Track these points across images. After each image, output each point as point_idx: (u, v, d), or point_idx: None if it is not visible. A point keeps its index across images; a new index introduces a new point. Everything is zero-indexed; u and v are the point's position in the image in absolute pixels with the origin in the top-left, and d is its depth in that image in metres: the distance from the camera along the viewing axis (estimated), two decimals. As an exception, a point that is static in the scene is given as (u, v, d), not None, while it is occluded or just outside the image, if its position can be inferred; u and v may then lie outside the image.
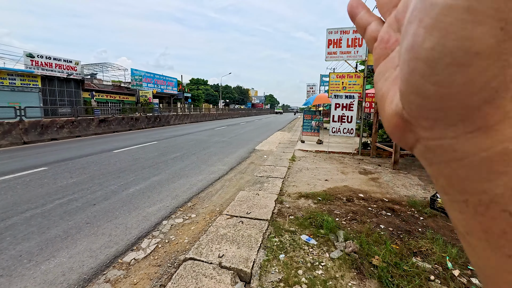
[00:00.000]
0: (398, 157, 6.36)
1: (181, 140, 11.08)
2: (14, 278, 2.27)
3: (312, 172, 5.81)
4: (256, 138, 12.71)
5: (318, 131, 10.51)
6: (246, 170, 6.19)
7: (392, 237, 2.90)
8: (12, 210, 3.63)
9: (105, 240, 2.93)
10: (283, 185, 4.80)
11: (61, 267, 2.43)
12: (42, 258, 2.57)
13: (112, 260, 2.58)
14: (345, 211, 3.62)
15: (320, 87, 36.80)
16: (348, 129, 7.93)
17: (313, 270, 2.29)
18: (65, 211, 3.66)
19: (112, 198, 4.18)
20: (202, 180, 5.29)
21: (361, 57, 7.79)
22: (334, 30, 7.87)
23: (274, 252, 2.54)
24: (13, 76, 17.30)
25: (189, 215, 3.66)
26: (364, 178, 5.41)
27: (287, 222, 3.24)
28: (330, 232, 2.94)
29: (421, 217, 3.51)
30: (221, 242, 2.68)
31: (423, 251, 2.61)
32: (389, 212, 3.64)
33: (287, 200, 4.01)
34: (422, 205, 3.89)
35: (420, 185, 5.05)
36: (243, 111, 53.31)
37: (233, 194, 4.40)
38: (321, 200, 4.03)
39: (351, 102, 7.83)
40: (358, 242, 2.70)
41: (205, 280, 2.09)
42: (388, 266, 2.32)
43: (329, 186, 4.81)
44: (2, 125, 9.24)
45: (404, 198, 4.26)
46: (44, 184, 4.79)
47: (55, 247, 2.76)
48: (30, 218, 3.42)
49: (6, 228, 3.14)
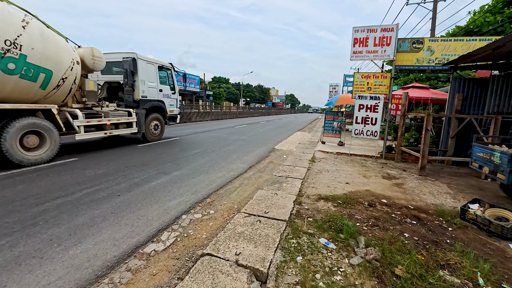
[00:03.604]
0: (426, 162, 6.03)
1: (202, 137, 11.29)
2: (45, 261, 2.43)
3: (333, 174, 5.66)
4: (275, 137, 12.64)
5: (339, 132, 10.24)
6: (265, 169, 6.17)
7: (417, 247, 2.74)
8: (45, 197, 3.89)
9: (128, 230, 3.05)
10: (302, 186, 4.72)
11: (87, 253, 2.56)
12: (70, 243, 2.72)
13: (134, 250, 2.67)
14: (367, 217, 3.48)
15: (343, 87, 35.86)
16: (372, 132, 7.64)
17: (331, 275, 2.22)
18: (92, 200, 3.86)
19: (135, 190, 4.34)
20: (221, 177, 5.35)
21: (389, 57, 7.46)
22: (360, 28, 7.59)
23: (291, 254, 2.50)
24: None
25: (208, 211, 3.71)
26: (388, 183, 5.18)
27: (306, 224, 3.17)
28: (350, 237, 2.83)
29: (449, 228, 3.29)
30: (239, 240, 2.68)
31: (451, 264, 2.44)
32: (414, 220, 3.45)
33: (306, 202, 3.94)
34: (451, 215, 3.64)
35: (450, 193, 4.74)
36: (263, 110, 53.27)
37: (251, 193, 4.40)
38: (341, 203, 3.91)
39: (376, 104, 7.53)
40: (380, 249, 2.58)
41: (221, 276, 2.10)
42: (412, 277, 2.19)
43: (350, 189, 4.66)
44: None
45: (431, 206, 4.02)
46: (74, 173, 5.09)
47: (82, 234, 2.91)
48: (61, 205, 3.64)
49: (40, 213, 3.36)
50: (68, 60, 6.16)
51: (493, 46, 4.73)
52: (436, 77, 13.62)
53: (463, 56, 5.79)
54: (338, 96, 17.76)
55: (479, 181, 5.70)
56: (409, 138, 9.46)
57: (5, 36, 4.89)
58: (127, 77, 8.29)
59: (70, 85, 6.39)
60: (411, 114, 8.11)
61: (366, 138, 7.77)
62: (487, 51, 5.13)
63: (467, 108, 7.04)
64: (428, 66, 7.29)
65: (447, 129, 7.24)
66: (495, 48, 4.85)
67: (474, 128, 6.60)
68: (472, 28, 11.84)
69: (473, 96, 6.99)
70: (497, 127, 5.99)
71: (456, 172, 6.47)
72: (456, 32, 12.87)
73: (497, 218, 3.26)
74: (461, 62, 6.56)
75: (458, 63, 6.78)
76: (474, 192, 4.87)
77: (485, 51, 5.08)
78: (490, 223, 3.18)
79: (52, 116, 6.13)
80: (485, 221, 3.24)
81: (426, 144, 5.98)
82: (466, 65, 7.21)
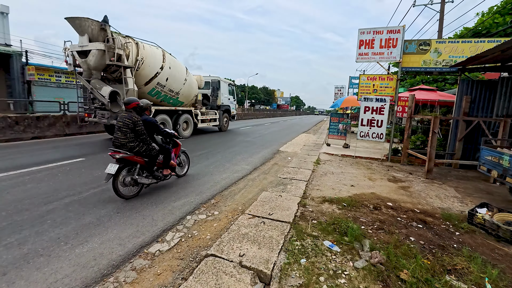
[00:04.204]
0: (433, 165, 5.95)
1: (207, 138, 11.35)
2: (52, 258, 2.47)
3: (338, 177, 5.63)
4: (280, 139, 12.63)
5: (345, 134, 10.18)
6: (269, 171, 6.17)
7: (423, 251, 2.70)
8: (53, 196, 3.96)
9: (133, 230, 3.08)
10: (307, 188, 4.71)
11: (92, 252, 2.59)
12: (77, 242, 2.76)
13: (139, 249, 2.70)
14: (372, 220, 3.45)
15: (348, 89, 35.64)
16: (378, 134, 7.57)
17: (335, 278, 2.21)
18: (99, 199, 3.91)
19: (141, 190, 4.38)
20: (225, 178, 5.37)
21: (395, 59, 7.40)
22: (366, 30, 7.56)
23: (295, 256, 2.49)
24: (59, 74, 18.91)
25: (212, 212, 3.72)
26: (394, 186, 5.13)
27: (310, 226, 3.16)
28: (354, 240, 2.81)
29: (456, 232, 3.23)
30: (242, 241, 2.68)
31: (458, 269, 2.40)
32: (420, 224, 3.40)
33: (310, 204, 3.92)
34: (458, 219, 3.59)
35: (457, 197, 4.66)
36: (268, 112, 53.26)
37: (255, 194, 4.41)
38: (346, 206, 3.89)
39: (382, 106, 7.47)
40: (385, 253, 2.55)
41: (225, 277, 2.11)
42: (418, 282, 2.16)
43: (355, 192, 4.63)
44: (48, 118, 10.15)
45: (438, 210, 3.97)
46: (82, 173, 5.17)
47: (89, 233, 2.96)
48: (68, 204, 3.70)
49: (48, 212, 3.43)
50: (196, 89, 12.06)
51: (502, 47, 4.65)
52: (444, 79, 13.44)
53: (471, 58, 5.71)
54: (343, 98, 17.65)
55: (488, 185, 5.59)
56: (416, 140, 9.35)
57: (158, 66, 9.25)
58: (213, 91, 14.16)
59: (195, 98, 12.19)
60: (417, 116, 8.02)
61: (371, 140, 7.71)
62: (495, 53, 5.05)
63: (475, 110, 6.93)
64: (435, 68, 7.21)
65: (454, 131, 7.14)
66: (504, 49, 4.77)
67: (483, 131, 6.50)
68: (480, 29, 11.67)
69: (481, 99, 6.88)
70: (506, 130, 5.88)
71: (463, 175, 6.37)
72: (464, 34, 12.70)
73: (506, 223, 3.19)
74: (469, 64, 6.47)
75: (466, 65, 6.69)
76: (482, 196, 4.79)
77: (493, 52, 5.00)
78: (499, 228, 3.12)
79: (191, 114, 11.63)
80: (493, 225, 3.18)
81: (433, 146, 5.90)
82: (474, 67, 7.11)
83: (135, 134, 3.97)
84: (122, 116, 3.99)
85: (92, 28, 7.63)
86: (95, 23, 7.62)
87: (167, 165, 4.53)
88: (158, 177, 4.40)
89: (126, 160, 3.94)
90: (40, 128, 9.76)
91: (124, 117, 3.95)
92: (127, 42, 8.13)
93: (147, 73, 8.84)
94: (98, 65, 7.93)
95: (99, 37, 7.72)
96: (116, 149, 3.93)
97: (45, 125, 9.95)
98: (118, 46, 7.75)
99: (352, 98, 16.04)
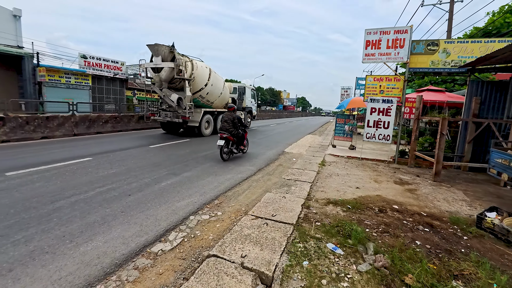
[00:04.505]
0: (441, 168, 5.83)
1: (211, 139, 11.39)
2: (57, 256, 2.51)
3: (343, 179, 5.57)
4: (285, 140, 12.59)
5: (351, 136, 10.08)
6: (274, 172, 6.14)
7: (429, 256, 2.64)
8: (60, 195, 4.03)
9: (137, 229, 3.11)
10: (311, 189, 4.67)
11: (96, 251, 2.62)
12: (82, 240, 2.80)
13: (142, 249, 2.72)
14: (377, 222, 3.39)
15: (355, 90, 35.26)
16: (384, 136, 7.47)
17: (338, 281, 2.18)
18: (104, 199, 3.96)
19: (145, 190, 4.42)
20: (230, 179, 5.37)
21: (402, 59, 7.29)
22: (373, 30, 7.48)
23: (297, 258, 2.47)
24: (69, 75, 19.29)
25: (215, 212, 3.72)
26: (400, 189, 5.04)
27: (313, 228, 3.13)
28: (358, 243, 2.77)
29: (464, 237, 3.15)
30: (245, 242, 2.67)
31: (465, 274, 2.34)
32: (427, 228, 3.33)
33: (314, 206, 3.89)
34: (466, 223, 3.50)
35: (465, 200, 4.55)
36: (274, 113, 53.12)
37: (259, 195, 4.39)
38: (351, 208, 3.84)
39: (389, 107, 7.37)
40: (389, 257, 2.50)
41: (226, 278, 2.10)
42: (423, 287, 2.11)
43: (360, 194, 4.57)
44: (58, 118, 10.35)
45: (446, 213, 3.88)
46: (88, 173, 5.24)
47: (93, 231, 2.99)
48: (74, 203, 3.76)
49: (54, 210, 3.48)
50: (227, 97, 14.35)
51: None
52: (453, 80, 13.19)
53: (481, 58, 5.58)
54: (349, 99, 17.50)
55: (498, 188, 5.45)
56: (424, 142, 9.18)
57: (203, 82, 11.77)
58: (240, 96, 16.87)
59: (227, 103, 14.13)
60: (425, 118, 7.88)
61: (378, 142, 7.60)
62: (506, 53, 4.92)
63: (485, 112, 6.77)
64: (443, 68, 7.07)
65: (463, 133, 6.98)
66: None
67: (493, 133, 6.34)
68: (491, 29, 11.42)
69: (491, 100, 6.72)
70: (517, 132, 5.72)
71: (473, 178, 6.22)
72: (474, 34, 12.45)
73: (516, 228, 3.10)
74: (478, 64, 6.33)
75: (475, 66, 6.55)
76: (492, 199, 4.66)
77: (504, 52, 4.88)
78: (509, 233, 3.02)
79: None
80: (503, 230, 3.09)
81: (441, 149, 5.79)
82: (484, 68, 6.95)
83: (233, 124, 7.01)
84: (227, 114, 7.15)
85: (164, 51, 10.25)
86: (166, 47, 10.23)
87: (242, 143, 7.60)
88: (239, 150, 7.57)
89: (227, 138, 6.90)
90: (49, 128, 9.96)
91: (228, 115, 7.11)
92: (186, 61, 10.81)
93: (195, 87, 11.49)
94: (167, 78, 10.70)
95: (168, 57, 10.41)
96: (223, 132, 6.85)
97: (54, 125, 10.15)
98: (181, 64, 10.37)
99: (359, 99, 15.89)
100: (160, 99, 11.61)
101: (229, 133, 6.85)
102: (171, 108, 11.07)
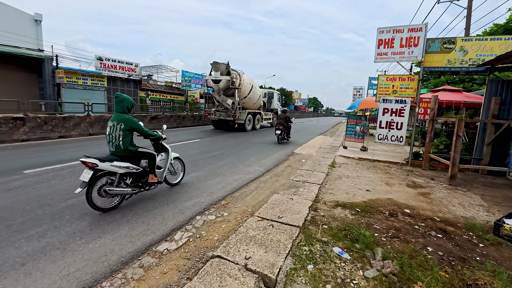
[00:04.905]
0: (456, 171, 5.59)
1: (222, 139, 11.46)
2: (67, 252, 2.58)
3: (353, 181, 5.45)
4: (296, 141, 12.48)
5: (362, 137, 9.86)
6: (282, 173, 6.10)
7: (441, 263, 2.53)
8: (73, 192, 4.14)
9: (144, 228, 3.15)
10: (320, 191, 4.60)
11: (104, 248, 2.68)
12: (91, 238, 2.87)
13: (148, 247, 2.76)
14: (386, 227, 3.29)
15: (368, 90, 34.52)
16: (397, 137, 7.26)
17: (343, 287, 2.12)
18: (114, 197, 4.04)
19: (151, 191, 4.49)
20: (237, 179, 5.37)
21: (417, 58, 7.06)
22: (386, 29, 7.29)
23: (302, 261, 2.42)
24: (85, 77, 19.98)
25: (222, 213, 3.73)
26: (413, 192, 4.88)
27: (320, 231, 3.07)
28: (366, 248, 2.69)
29: (480, 244, 3.00)
30: (249, 243, 2.66)
31: (480, 284, 2.22)
32: (440, 234, 3.20)
33: (322, 208, 3.82)
34: (483, 229, 3.33)
35: (483, 206, 4.35)
36: (285, 113, 52.81)
37: (266, 197, 4.37)
38: (360, 211, 3.74)
39: (402, 107, 7.15)
40: (398, 263, 2.42)
41: (229, 280, 2.09)
42: (434, 295, 2.02)
43: (370, 197, 4.45)
44: (74, 118, 10.72)
45: (461, 219, 3.71)
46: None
47: (102, 229, 3.06)
48: (85, 201, 3.85)
49: (67, 207, 3.60)
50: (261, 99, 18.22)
51: (536, 45, 4.29)
52: (471, 79, 12.65)
53: (501, 56, 5.32)
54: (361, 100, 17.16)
55: (519, 193, 5.17)
56: (439, 144, 8.86)
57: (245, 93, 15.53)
58: (268, 99, 20.89)
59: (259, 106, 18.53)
60: (441, 118, 7.59)
61: (390, 143, 7.40)
62: (529, 51, 4.67)
63: (505, 113, 6.44)
64: (460, 67, 6.79)
65: (482, 135, 6.68)
66: (538, 47, 4.40)
67: (514, 135, 6.02)
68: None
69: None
70: (541, 135, 5.41)
71: (491, 182, 5.94)
72: (494, 31, 11.90)
73: (537, 236, 2.92)
74: (498, 62, 6.04)
75: (495, 64, 6.26)
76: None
77: (526, 51, 4.63)
78: (529, 241, 2.85)
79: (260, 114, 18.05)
80: (523, 238, 2.92)
81: (457, 151, 5.55)
82: (505, 66, 6.63)
83: (285, 121, 11.16)
84: (281, 114, 11.44)
85: (222, 68, 13.83)
86: (224, 65, 13.77)
87: (289, 133, 11.73)
88: (287, 138, 11.67)
89: (282, 130, 10.83)
90: (66, 128, 10.33)
91: (283, 115, 11.32)
92: (236, 75, 14.44)
93: (242, 94, 15.07)
94: (223, 88, 14.16)
95: (224, 72, 13.88)
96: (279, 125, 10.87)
97: (71, 125, 10.52)
98: (233, 77, 14.14)
99: (370, 99, 15.55)
100: (217, 103, 15.01)
101: (283, 126, 10.86)
102: (226, 109, 14.71)
